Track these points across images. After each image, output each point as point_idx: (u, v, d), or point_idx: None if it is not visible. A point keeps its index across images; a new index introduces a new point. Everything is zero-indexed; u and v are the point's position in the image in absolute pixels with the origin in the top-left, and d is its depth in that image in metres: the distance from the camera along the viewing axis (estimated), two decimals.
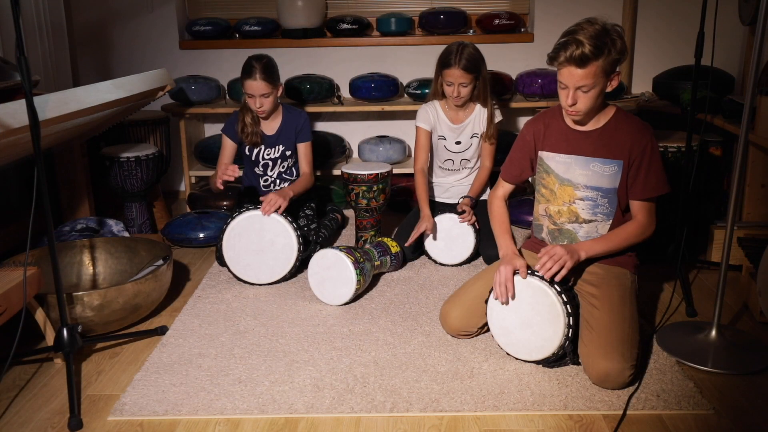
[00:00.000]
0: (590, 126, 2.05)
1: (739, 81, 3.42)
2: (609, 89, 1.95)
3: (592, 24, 1.89)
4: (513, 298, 1.98)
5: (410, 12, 3.88)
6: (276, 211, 2.59)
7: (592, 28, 1.87)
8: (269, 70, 2.77)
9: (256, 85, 2.74)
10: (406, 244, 2.76)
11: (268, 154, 2.94)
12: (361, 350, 2.12)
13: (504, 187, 2.25)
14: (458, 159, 2.96)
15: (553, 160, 2.11)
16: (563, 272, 1.91)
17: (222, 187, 2.67)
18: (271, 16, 3.88)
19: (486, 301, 2.07)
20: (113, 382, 1.98)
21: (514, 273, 1.97)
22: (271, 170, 2.96)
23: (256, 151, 2.93)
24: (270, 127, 2.93)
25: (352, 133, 3.93)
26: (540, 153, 2.14)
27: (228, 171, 2.60)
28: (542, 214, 2.19)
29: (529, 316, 1.96)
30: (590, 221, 2.08)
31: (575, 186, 2.07)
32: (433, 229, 2.77)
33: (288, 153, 2.95)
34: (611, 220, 2.07)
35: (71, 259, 2.55)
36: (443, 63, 2.76)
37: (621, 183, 2.02)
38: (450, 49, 2.75)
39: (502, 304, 2.00)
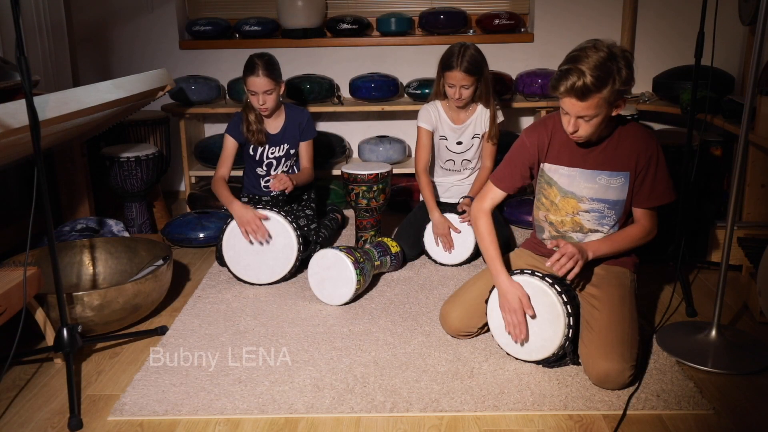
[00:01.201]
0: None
1: (739, 81, 3.42)
2: (614, 114, 1.89)
3: (597, 51, 1.79)
4: (528, 340, 1.97)
5: (410, 12, 3.88)
6: (282, 193, 2.65)
7: (596, 56, 1.78)
8: (271, 67, 2.77)
9: (259, 82, 2.74)
10: (448, 250, 2.78)
11: (272, 153, 2.94)
12: (361, 350, 2.12)
13: (493, 199, 2.14)
14: (459, 159, 2.96)
15: (556, 173, 2.07)
16: (576, 270, 1.89)
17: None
18: (271, 16, 3.88)
19: (486, 301, 2.07)
20: (113, 382, 1.98)
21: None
22: (275, 169, 2.96)
23: (260, 150, 2.92)
24: (273, 126, 2.93)
25: (352, 133, 3.93)
26: (543, 165, 2.10)
27: (260, 232, 2.57)
28: (543, 220, 2.17)
29: (530, 316, 1.96)
30: (597, 231, 2.07)
31: (579, 199, 2.05)
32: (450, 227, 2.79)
33: (292, 151, 2.96)
34: (618, 230, 2.07)
35: (71, 259, 2.55)
36: (445, 65, 2.75)
37: (629, 194, 2.01)
38: (452, 50, 2.74)
39: (517, 343, 1.98)
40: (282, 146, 2.93)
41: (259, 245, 2.60)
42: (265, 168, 2.96)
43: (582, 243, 2.00)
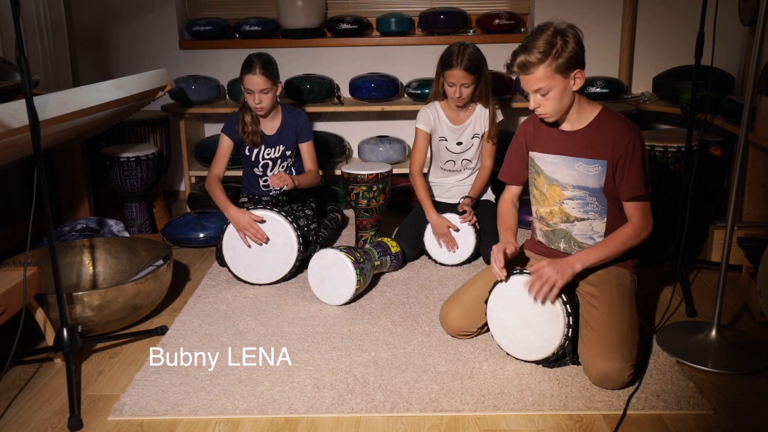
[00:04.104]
0: (575, 126, 2.05)
1: (739, 81, 3.42)
2: (575, 88, 1.96)
3: (543, 30, 1.93)
4: (505, 274, 2.00)
5: (410, 12, 3.88)
6: (283, 192, 2.65)
7: (542, 35, 1.92)
8: (269, 66, 2.77)
9: (255, 80, 2.74)
10: (452, 250, 2.79)
11: (268, 154, 2.94)
12: (361, 350, 2.12)
13: (509, 190, 2.28)
14: (459, 159, 2.96)
15: (542, 161, 2.12)
16: (554, 291, 1.90)
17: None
18: (271, 16, 3.88)
19: (486, 301, 2.07)
20: (113, 382, 1.98)
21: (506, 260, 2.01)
22: (271, 170, 2.96)
23: (256, 151, 2.92)
24: (270, 126, 2.93)
25: (352, 133, 3.93)
26: (531, 154, 2.15)
27: (259, 235, 2.59)
28: (535, 216, 2.20)
29: (529, 316, 1.96)
30: (583, 219, 2.08)
31: (562, 186, 2.08)
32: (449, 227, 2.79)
33: (288, 153, 2.95)
34: (605, 218, 2.07)
35: (71, 259, 2.55)
36: (445, 64, 2.76)
37: (606, 182, 2.02)
38: (451, 49, 2.74)
39: (501, 281, 2.01)
40: (278, 147, 2.93)
41: (259, 245, 2.60)
42: (261, 169, 2.96)
43: (569, 257, 2.00)
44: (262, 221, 2.60)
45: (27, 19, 3.20)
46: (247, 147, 2.91)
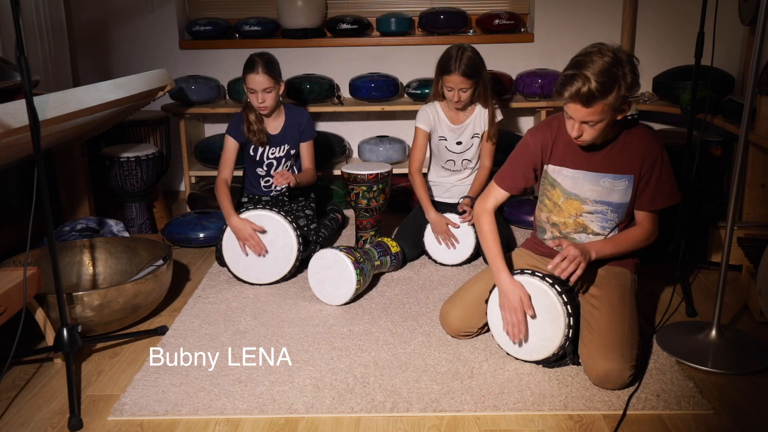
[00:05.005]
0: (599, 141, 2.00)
1: (739, 81, 3.42)
2: (619, 118, 1.88)
3: (602, 55, 1.77)
4: (527, 340, 1.96)
5: (410, 12, 3.88)
6: (284, 192, 2.70)
7: (602, 61, 1.76)
8: (271, 65, 2.78)
9: (258, 79, 2.74)
10: (452, 246, 2.78)
11: (272, 153, 2.94)
12: (361, 350, 2.12)
13: (497, 198, 2.13)
14: (459, 159, 2.96)
15: (560, 174, 2.06)
16: (579, 272, 1.88)
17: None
18: (271, 16, 3.88)
19: (486, 301, 2.07)
20: (113, 382, 1.98)
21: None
22: (275, 170, 2.96)
23: (260, 150, 2.92)
24: (273, 126, 2.93)
25: (352, 133, 3.93)
26: (546, 166, 2.08)
27: (258, 247, 2.59)
28: (546, 222, 2.16)
29: (530, 316, 1.96)
30: (598, 234, 2.06)
31: (582, 201, 2.04)
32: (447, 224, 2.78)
33: (292, 152, 2.96)
34: (618, 230, 2.07)
35: (71, 259, 2.55)
36: (443, 68, 2.75)
37: (632, 197, 2.00)
38: (449, 53, 2.72)
39: (515, 343, 1.98)
40: (282, 147, 2.93)
41: (258, 256, 2.61)
42: (265, 168, 2.96)
43: (585, 243, 2.00)
44: (263, 231, 2.59)
45: (27, 19, 3.20)
46: (252, 147, 2.91)
